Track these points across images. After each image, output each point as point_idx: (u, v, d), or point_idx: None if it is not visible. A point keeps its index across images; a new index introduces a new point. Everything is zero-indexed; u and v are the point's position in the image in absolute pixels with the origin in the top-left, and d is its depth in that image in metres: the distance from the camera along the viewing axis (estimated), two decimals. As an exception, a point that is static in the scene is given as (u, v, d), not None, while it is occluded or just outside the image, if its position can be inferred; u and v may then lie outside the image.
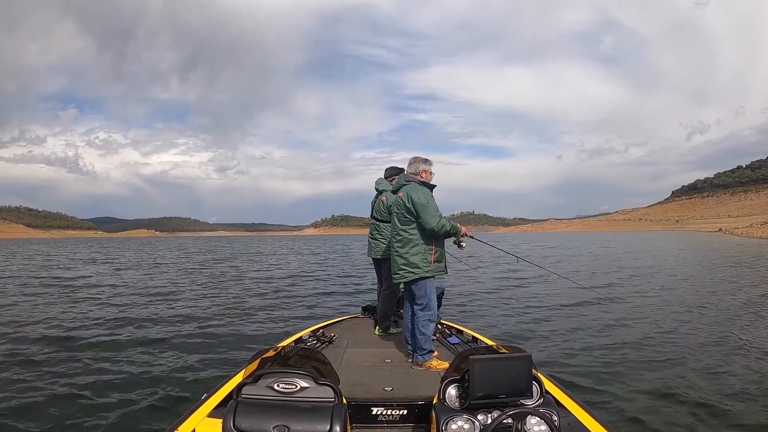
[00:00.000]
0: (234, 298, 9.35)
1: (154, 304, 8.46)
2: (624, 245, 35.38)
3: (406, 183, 3.14)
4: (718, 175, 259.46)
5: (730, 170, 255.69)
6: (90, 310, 7.73)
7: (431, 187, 3.14)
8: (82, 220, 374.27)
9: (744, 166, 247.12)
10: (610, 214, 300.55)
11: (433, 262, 3.02)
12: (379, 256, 3.79)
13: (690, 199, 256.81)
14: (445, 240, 3.13)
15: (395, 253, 3.09)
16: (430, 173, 3.19)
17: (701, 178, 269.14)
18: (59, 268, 18.09)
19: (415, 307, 3.05)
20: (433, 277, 3.05)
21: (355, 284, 11.86)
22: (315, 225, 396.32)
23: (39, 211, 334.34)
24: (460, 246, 3.18)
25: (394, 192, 3.26)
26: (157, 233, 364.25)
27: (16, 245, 56.13)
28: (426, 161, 3.18)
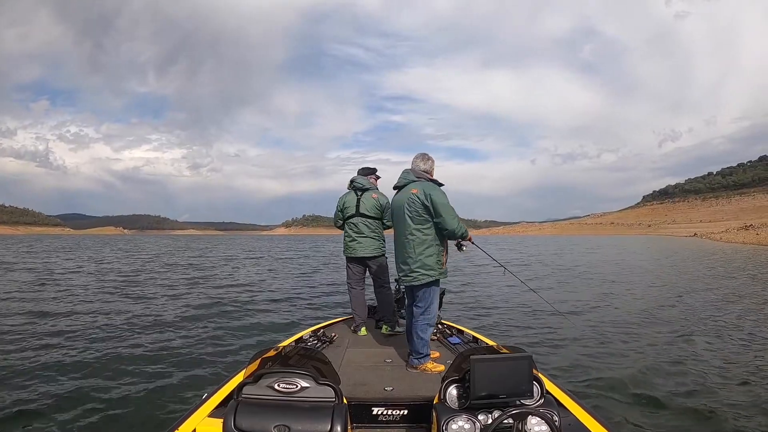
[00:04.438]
0: (229, 300, 9.33)
1: (154, 306, 8.46)
2: (622, 251, 34.81)
3: (416, 179, 2.94)
4: (689, 181, 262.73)
5: (701, 176, 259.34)
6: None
7: (441, 185, 2.99)
8: (50, 216, 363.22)
9: (715, 173, 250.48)
10: (581, 217, 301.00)
11: (445, 263, 2.92)
12: (373, 254, 3.76)
13: (661, 203, 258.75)
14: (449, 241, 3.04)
15: (406, 255, 2.90)
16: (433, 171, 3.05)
17: (672, 184, 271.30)
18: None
19: (415, 309, 2.93)
20: (439, 280, 2.96)
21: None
22: (286, 225, 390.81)
23: (5, 207, 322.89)
24: (460, 249, 3.13)
25: (398, 188, 3.05)
26: (125, 231, 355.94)
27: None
28: (432, 159, 3.04)
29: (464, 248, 3.14)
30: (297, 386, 1.78)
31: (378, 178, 3.99)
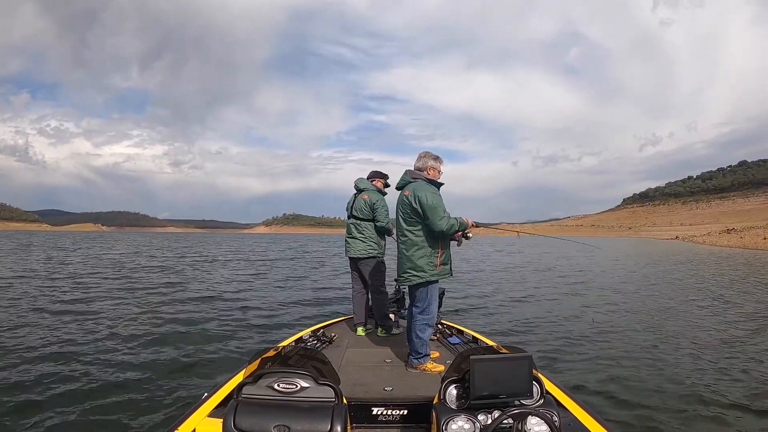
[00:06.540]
0: (227, 300, 9.30)
1: (150, 306, 8.44)
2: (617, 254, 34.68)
3: (412, 180, 2.95)
4: (669, 185, 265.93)
5: (681, 180, 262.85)
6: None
7: (438, 185, 2.98)
8: (28, 212, 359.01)
9: (695, 177, 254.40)
10: (560, 219, 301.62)
11: (439, 265, 2.90)
12: (360, 256, 3.72)
13: (641, 206, 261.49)
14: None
15: (400, 256, 2.95)
16: (438, 171, 3.00)
17: (652, 187, 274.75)
18: None
19: (414, 309, 2.96)
20: (437, 280, 2.95)
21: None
22: (266, 223, 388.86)
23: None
24: (467, 237, 3.11)
25: (399, 189, 3.06)
26: (104, 228, 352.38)
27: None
28: (436, 158, 3.00)
29: (470, 235, 3.12)
30: (297, 386, 1.78)
31: (387, 184, 3.89)
